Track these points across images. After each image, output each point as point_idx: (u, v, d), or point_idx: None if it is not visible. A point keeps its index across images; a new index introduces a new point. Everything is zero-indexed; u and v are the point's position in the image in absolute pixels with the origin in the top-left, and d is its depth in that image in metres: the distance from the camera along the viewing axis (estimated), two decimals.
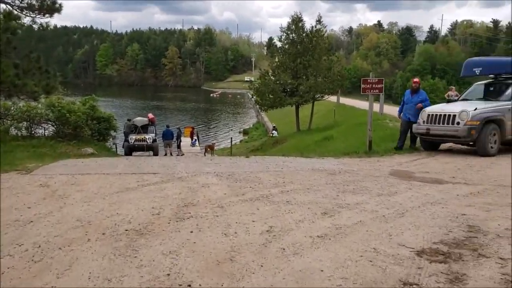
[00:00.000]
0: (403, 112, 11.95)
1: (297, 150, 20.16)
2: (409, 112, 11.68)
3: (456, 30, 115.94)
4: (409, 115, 11.67)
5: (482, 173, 8.09)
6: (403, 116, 11.89)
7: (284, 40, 31.88)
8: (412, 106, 11.63)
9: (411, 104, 11.68)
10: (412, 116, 11.53)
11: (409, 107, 11.71)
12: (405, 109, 11.89)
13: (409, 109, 11.71)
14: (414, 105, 11.59)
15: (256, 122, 55.36)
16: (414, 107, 11.57)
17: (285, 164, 9.20)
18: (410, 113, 11.63)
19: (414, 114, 11.52)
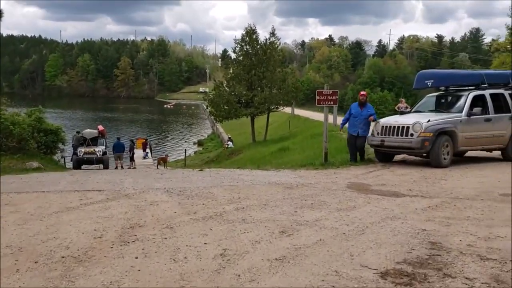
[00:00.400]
0: (350, 126, 11.51)
1: (253, 162, 19.90)
2: (359, 125, 11.30)
3: (403, 44, 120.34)
4: (358, 129, 11.28)
5: (437, 186, 8.06)
6: (350, 130, 11.45)
7: (239, 51, 31.74)
8: (362, 120, 11.30)
9: (361, 117, 11.31)
10: (363, 130, 11.27)
11: (359, 120, 11.32)
12: (352, 123, 11.44)
13: (358, 122, 11.32)
14: (364, 118, 11.27)
15: (211, 133, 54.84)
16: (364, 121, 11.28)
17: (240, 177, 8.86)
18: (360, 126, 11.29)
19: (365, 128, 11.31)
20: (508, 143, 11.09)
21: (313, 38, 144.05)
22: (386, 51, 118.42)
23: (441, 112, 11.00)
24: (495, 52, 48.79)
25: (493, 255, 4.38)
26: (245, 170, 10.81)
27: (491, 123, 10.85)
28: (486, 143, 10.89)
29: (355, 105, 11.67)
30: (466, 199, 6.92)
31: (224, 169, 11.38)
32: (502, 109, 11.16)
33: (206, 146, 44.41)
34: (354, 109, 11.50)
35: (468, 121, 10.51)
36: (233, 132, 43.73)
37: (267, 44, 30.98)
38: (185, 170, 11.68)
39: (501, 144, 11.08)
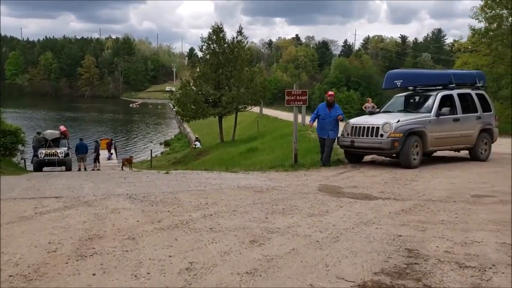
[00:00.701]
0: (319, 129, 11.09)
1: (221, 162, 19.55)
2: (329, 127, 10.84)
3: (368, 44, 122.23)
4: (328, 131, 10.84)
5: (409, 187, 7.95)
6: (320, 133, 11.05)
7: (205, 50, 31.30)
8: (331, 121, 10.84)
9: (330, 119, 10.85)
10: (333, 132, 10.86)
11: (328, 122, 10.85)
12: (321, 125, 10.99)
13: (328, 124, 10.85)
14: (333, 119, 10.84)
15: (178, 133, 54.07)
16: (333, 122, 10.85)
17: (208, 181, 8.51)
18: (330, 128, 10.83)
19: (335, 130, 10.91)
20: (476, 143, 11.16)
21: (280, 37, 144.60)
22: (352, 51, 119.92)
23: (410, 112, 10.95)
24: (456, 52, 50.03)
25: (472, 262, 4.22)
26: (213, 172, 10.47)
27: (459, 123, 10.89)
28: (454, 143, 10.93)
29: (322, 106, 11.17)
30: (438, 201, 6.82)
31: (191, 172, 11.01)
32: (470, 109, 11.23)
33: (173, 147, 43.70)
34: (322, 111, 11.03)
35: (437, 121, 10.50)
36: (200, 132, 43.22)
37: (234, 42, 30.67)
38: (150, 173, 11.24)
39: (468, 144, 11.14)
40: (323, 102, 11.41)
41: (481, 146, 11.29)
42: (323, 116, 10.96)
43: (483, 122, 11.34)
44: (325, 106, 11.06)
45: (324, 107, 11.07)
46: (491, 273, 3.95)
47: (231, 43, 30.76)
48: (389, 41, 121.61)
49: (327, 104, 11.07)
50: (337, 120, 10.89)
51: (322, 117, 10.97)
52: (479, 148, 11.26)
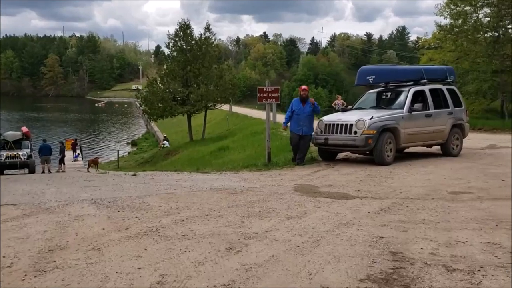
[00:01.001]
0: (293, 125, 10.64)
1: (191, 162, 19.12)
2: (303, 123, 10.47)
3: (335, 42, 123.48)
4: (302, 127, 10.45)
5: (385, 185, 7.79)
6: (294, 129, 10.57)
7: (172, 47, 30.68)
8: (306, 117, 10.50)
9: (304, 114, 10.49)
10: (307, 128, 10.51)
11: (303, 118, 10.47)
12: (296, 121, 10.55)
13: (302, 120, 10.47)
14: (308, 115, 10.53)
15: (146, 132, 53.11)
16: (308, 118, 10.53)
17: (178, 183, 8.13)
18: (305, 124, 10.48)
19: (309, 126, 10.58)
20: (448, 138, 11.16)
21: (248, 35, 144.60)
22: (319, 48, 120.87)
23: (382, 109, 10.85)
24: (420, 49, 50.95)
25: (459, 264, 4.03)
26: (183, 173, 10.09)
27: (431, 118, 10.86)
28: (427, 139, 10.89)
29: (296, 101, 10.76)
30: (417, 199, 6.67)
31: (160, 173, 10.60)
32: (441, 104, 11.22)
33: (140, 146, 42.88)
34: (296, 106, 10.62)
35: (410, 117, 10.43)
36: (169, 131, 42.54)
37: (202, 39, 30.18)
38: (116, 175, 10.76)
39: (441, 140, 11.13)
40: (296, 98, 11.00)
41: (452, 141, 11.30)
42: (297, 112, 10.56)
43: (455, 118, 11.36)
44: (299, 102, 10.68)
45: (298, 103, 10.68)
46: (480, 276, 3.77)
47: (199, 39, 30.26)
48: (355, 38, 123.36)
49: (300, 99, 10.69)
50: (312, 116, 10.63)
51: (297, 112, 10.56)
52: (451, 144, 11.26)
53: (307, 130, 10.53)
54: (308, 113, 10.57)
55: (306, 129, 10.51)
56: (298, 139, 10.51)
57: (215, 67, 30.67)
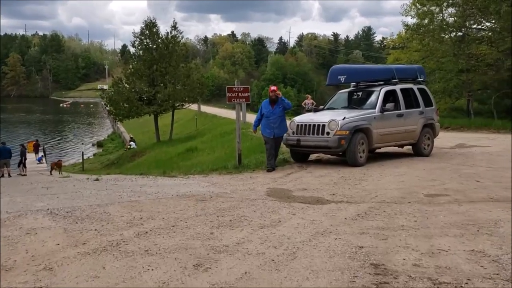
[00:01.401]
0: (264, 128, 10.01)
1: (158, 164, 18.55)
2: (274, 125, 9.84)
3: (302, 42, 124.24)
4: (274, 129, 9.85)
5: (360, 188, 7.53)
6: (265, 133, 9.97)
7: (138, 46, 29.88)
8: (276, 119, 9.86)
9: (274, 116, 9.86)
10: (279, 130, 9.93)
11: (273, 120, 9.85)
12: (266, 124, 9.93)
13: (273, 122, 9.84)
14: (278, 116, 9.89)
15: (112, 133, 51.82)
16: (279, 119, 9.89)
17: (143, 189, 7.65)
18: (275, 126, 9.85)
19: (282, 127, 9.98)
20: (419, 138, 11.05)
21: (216, 34, 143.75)
22: (287, 48, 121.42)
23: (354, 109, 10.62)
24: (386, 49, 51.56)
25: (445, 276, 3.76)
26: (148, 178, 9.59)
27: (403, 118, 10.72)
28: (399, 139, 10.74)
29: (265, 104, 10.08)
30: (393, 202, 6.42)
31: (124, 177, 10.05)
32: (412, 104, 11.10)
33: (106, 147, 41.74)
34: (265, 108, 9.99)
35: (382, 117, 10.25)
36: (135, 132, 41.63)
37: (168, 37, 29.50)
38: (78, 180, 10.16)
39: (412, 140, 11.01)
40: (266, 99, 10.29)
41: (424, 141, 11.20)
42: (267, 114, 9.96)
43: (426, 117, 11.27)
44: (268, 103, 10.04)
45: (267, 104, 10.04)
46: None
47: (165, 38, 29.56)
48: (322, 38, 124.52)
49: (270, 100, 10.02)
50: (282, 116, 10.00)
51: (266, 115, 9.96)
52: (422, 144, 11.17)
53: (279, 132, 9.97)
54: (278, 114, 9.93)
55: (278, 131, 9.94)
56: (273, 142, 9.93)
57: (182, 66, 30.06)
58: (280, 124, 9.97)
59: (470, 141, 15.09)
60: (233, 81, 12.82)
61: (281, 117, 10.00)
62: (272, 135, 9.89)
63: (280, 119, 9.98)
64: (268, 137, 9.94)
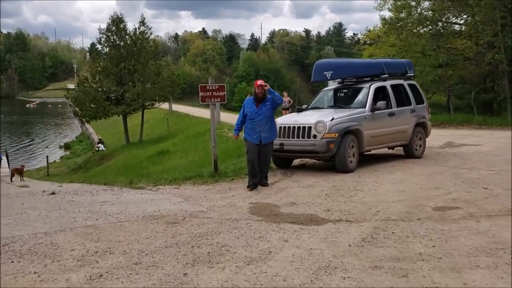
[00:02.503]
0: (248, 133, 7.99)
1: (127, 169, 17.29)
2: (261, 128, 7.81)
3: (274, 38, 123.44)
4: (261, 132, 7.82)
5: (356, 200, 6.55)
6: (250, 138, 7.92)
7: (105, 43, 28.29)
8: (263, 120, 7.81)
9: (260, 117, 7.82)
10: (268, 135, 7.91)
11: (259, 122, 7.81)
12: (250, 127, 7.92)
13: (259, 125, 7.81)
14: (265, 117, 7.84)
15: (80, 134, 49.78)
16: (267, 121, 7.86)
17: (103, 208, 6.47)
18: (263, 129, 7.82)
19: (271, 131, 7.98)
20: (411, 138, 10.17)
21: (187, 31, 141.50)
22: (259, 44, 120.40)
23: (342, 108, 9.59)
24: (357, 45, 51.13)
25: None
26: (113, 189, 8.39)
27: (394, 117, 9.79)
28: (390, 140, 9.81)
29: (249, 102, 8.04)
30: (400, 220, 5.46)
31: (86, 188, 8.78)
32: (404, 101, 10.20)
33: (74, 150, 39.93)
34: (249, 108, 7.94)
35: (373, 117, 9.29)
36: (105, 132, 39.98)
37: (136, 34, 28.03)
38: (31, 194, 8.85)
39: (404, 141, 10.10)
40: (250, 97, 8.30)
41: (415, 142, 10.33)
42: (251, 115, 7.90)
43: (417, 116, 10.38)
44: (252, 102, 7.97)
45: (251, 103, 7.96)
46: None
47: (133, 34, 28.08)
48: (293, 35, 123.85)
49: (255, 98, 7.93)
50: (271, 117, 7.99)
51: (250, 116, 7.91)
52: (414, 144, 10.29)
53: (268, 136, 7.92)
54: (265, 115, 7.85)
55: (266, 136, 7.88)
56: (257, 150, 7.86)
57: (152, 64, 28.59)
58: (269, 127, 7.94)
59: (456, 138, 14.41)
60: (205, 78, 11.53)
61: (268, 117, 7.92)
62: (258, 141, 7.84)
63: (268, 120, 7.92)
64: (252, 143, 7.87)
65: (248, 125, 8.01)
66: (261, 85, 7.96)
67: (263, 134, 7.86)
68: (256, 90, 7.95)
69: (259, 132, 7.85)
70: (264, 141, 7.89)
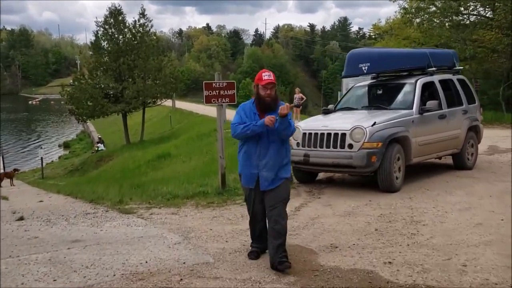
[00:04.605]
0: (245, 163, 4.33)
1: (124, 175, 15.64)
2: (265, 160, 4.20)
3: (278, 33, 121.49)
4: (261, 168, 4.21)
5: (424, 242, 4.71)
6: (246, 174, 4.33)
7: (102, 36, 26.44)
8: (272, 146, 4.23)
9: (266, 139, 4.22)
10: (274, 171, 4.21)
11: (263, 149, 4.23)
12: (249, 154, 4.28)
13: (262, 153, 4.22)
14: (273, 141, 4.23)
15: (81, 132, 48.12)
16: (279, 148, 4.25)
17: (70, 255, 4.64)
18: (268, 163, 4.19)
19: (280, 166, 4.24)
20: (463, 145, 8.30)
21: (191, 26, 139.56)
22: (263, 40, 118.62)
23: (381, 109, 7.66)
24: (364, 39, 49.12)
25: None
26: (96, 213, 6.61)
27: (445, 120, 7.91)
28: (441, 148, 7.92)
29: (248, 109, 4.33)
30: (504, 285, 3.63)
31: (61, 213, 7.00)
32: (454, 101, 8.33)
33: (73, 149, 38.26)
34: (250, 119, 4.26)
35: (422, 121, 7.41)
36: (106, 131, 38.38)
37: (136, 26, 26.15)
38: None
39: (455, 148, 8.23)
40: (246, 102, 4.45)
41: (467, 149, 8.47)
42: (255, 129, 4.18)
43: (470, 118, 8.51)
44: (253, 110, 4.30)
45: (251, 112, 4.30)
46: None
47: (133, 27, 26.21)
48: (298, 30, 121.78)
49: (259, 104, 4.26)
50: (283, 141, 4.30)
51: (253, 129, 4.19)
52: (466, 153, 8.42)
53: (271, 177, 4.22)
54: (274, 135, 4.21)
55: (269, 175, 4.22)
56: (260, 198, 4.32)
57: (153, 59, 26.65)
58: (277, 160, 4.24)
59: (497, 141, 12.59)
60: (209, 74, 9.35)
61: (279, 141, 4.27)
62: (254, 183, 4.26)
63: (278, 147, 4.26)
64: (247, 187, 4.36)
65: (246, 153, 4.30)
66: (272, 82, 4.18)
67: (264, 173, 4.17)
68: (262, 92, 4.16)
69: (256, 167, 4.21)
70: (264, 186, 4.20)
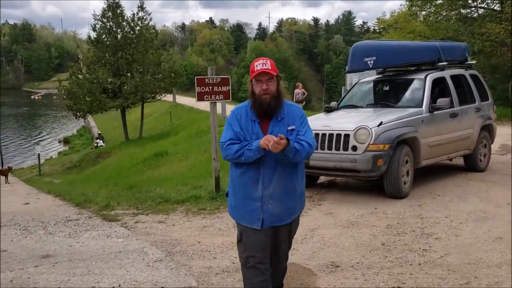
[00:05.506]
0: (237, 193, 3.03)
1: (120, 173, 15.18)
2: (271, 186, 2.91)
3: (282, 27, 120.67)
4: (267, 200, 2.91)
5: (437, 261, 4.15)
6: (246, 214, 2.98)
7: (100, 29, 25.86)
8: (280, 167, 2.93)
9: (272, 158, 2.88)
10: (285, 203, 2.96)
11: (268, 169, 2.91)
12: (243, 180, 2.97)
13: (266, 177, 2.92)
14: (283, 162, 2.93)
15: (81, 128, 47.60)
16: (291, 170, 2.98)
17: (35, 275, 4.09)
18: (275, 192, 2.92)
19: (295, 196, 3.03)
20: (476, 146, 7.70)
21: (194, 20, 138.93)
22: (267, 34, 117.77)
23: (388, 107, 7.08)
24: (367, 34, 48.37)
25: None
26: (78, 220, 6.08)
27: (457, 119, 7.31)
28: (452, 150, 7.32)
29: (242, 115, 2.99)
30: None
31: (52, 210, 6.48)
32: (466, 97, 7.73)
33: (73, 145, 37.75)
34: (246, 131, 2.95)
35: (432, 119, 6.81)
36: (106, 126, 37.87)
37: (134, 19, 25.55)
38: None
39: (467, 149, 7.63)
40: (242, 104, 3.10)
41: (480, 150, 7.88)
42: (255, 148, 2.85)
43: (483, 116, 7.90)
44: (250, 117, 2.99)
45: (247, 120, 2.98)
46: None
47: (132, 20, 25.60)
48: (302, 23, 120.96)
49: (257, 108, 2.96)
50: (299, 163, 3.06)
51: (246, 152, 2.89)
52: (478, 154, 7.82)
53: (283, 210, 2.98)
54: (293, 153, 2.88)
55: (279, 210, 2.96)
56: (265, 241, 2.98)
57: (152, 53, 26.03)
58: (290, 184, 3.00)
59: (506, 139, 11.94)
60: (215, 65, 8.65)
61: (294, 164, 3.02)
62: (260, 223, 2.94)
63: (293, 169, 3.02)
64: (248, 226, 2.98)
65: (241, 179, 3.01)
66: (266, 71, 3.03)
67: (270, 206, 2.94)
68: (256, 88, 2.99)
69: (260, 199, 2.94)
70: (272, 222, 2.98)
